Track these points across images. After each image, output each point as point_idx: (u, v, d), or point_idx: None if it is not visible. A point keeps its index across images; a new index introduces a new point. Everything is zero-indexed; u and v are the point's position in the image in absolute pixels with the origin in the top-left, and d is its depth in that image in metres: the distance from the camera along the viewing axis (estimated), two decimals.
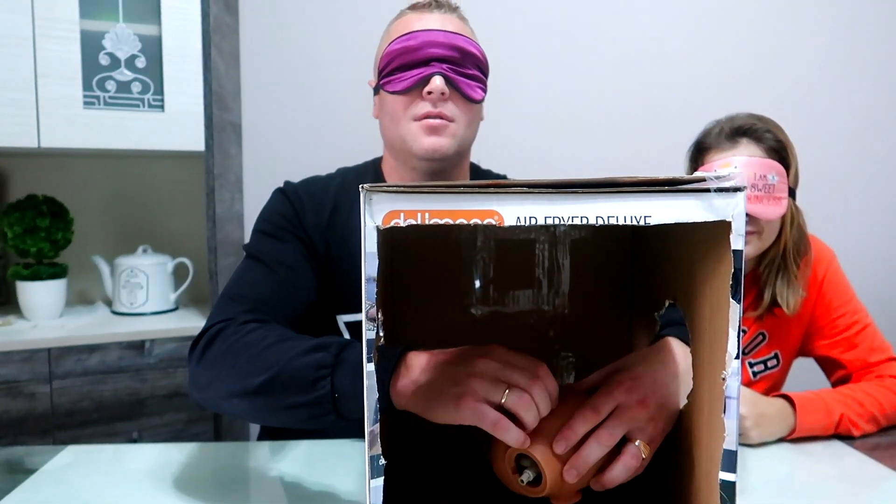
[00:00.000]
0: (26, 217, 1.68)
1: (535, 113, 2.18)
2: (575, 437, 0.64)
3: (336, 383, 0.69)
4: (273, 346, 0.77)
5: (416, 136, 0.98)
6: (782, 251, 1.20)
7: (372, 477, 0.54)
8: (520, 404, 0.61)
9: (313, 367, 0.70)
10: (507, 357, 0.65)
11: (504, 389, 0.62)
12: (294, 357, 0.72)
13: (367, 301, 0.52)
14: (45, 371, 1.53)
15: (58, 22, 1.57)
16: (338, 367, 0.69)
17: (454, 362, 0.66)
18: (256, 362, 0.75)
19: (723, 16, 2.25)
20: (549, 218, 0.51)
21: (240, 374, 0.76)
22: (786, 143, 1.19)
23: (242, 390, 0.76)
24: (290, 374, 0.71)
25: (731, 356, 0.54)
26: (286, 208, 1.03)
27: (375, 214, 0.51)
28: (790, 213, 1.20)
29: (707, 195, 0.52)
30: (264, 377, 0.73)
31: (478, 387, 0.62)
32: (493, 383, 0.62)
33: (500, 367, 0.63)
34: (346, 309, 1.03)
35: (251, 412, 0.78)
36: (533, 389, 0.62)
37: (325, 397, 0.69)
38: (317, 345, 0.73)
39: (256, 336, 0.80)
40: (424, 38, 0.97)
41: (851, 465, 0.94)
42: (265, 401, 0.74)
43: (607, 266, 0.88)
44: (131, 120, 1.65)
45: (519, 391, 0.62)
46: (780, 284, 1.20)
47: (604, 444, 0.64)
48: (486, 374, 0.63)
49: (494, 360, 0.64)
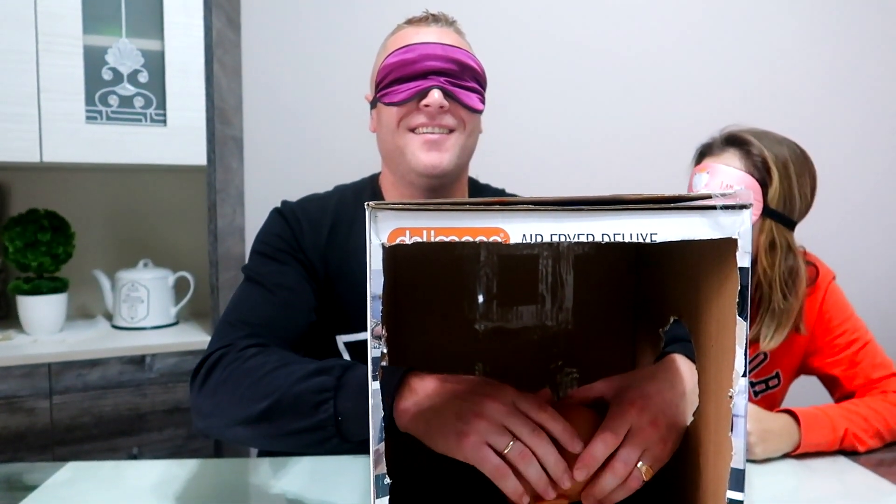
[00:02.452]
0: (27, 231, 1.68)
1: (534, 126, 2.18)
2: (596, 464, 0.63)
3: (339, 407, 0.68)
4: (274, 371, 0.76)
5: (414, 151, 0.98)
6: (768, 283, 1.16)
7: (377, 496, 0.54)
8: (520, 459, 0.61)
9: (315, 392, 0.70)
10: (516, 401, 0.64)
11: (509, 440, 0.61)
12: (295, 382, 0.72)
13: (373, 319, 0.52)
14: (45, 386, 1.52)
15: (61, 37, 1.58)
16: (340, 390, 0.69)
17: (461, 396, 0.65)
18: (258, 389, 0.75)
19: (725, 28, 2.26)
20: (555, 235, 0.51)
21: (241, 401, 0.76)
22: (774, 163, 1.15)
23: (245, 418, 0.75)
24: (292, 399, 0.71)
25: (738, 374, 0.54)
26: (283, 229, 1.03)
27: (381, 232, 0.51)
28: (768, 237, 1.16)
29: (713, 212, 0.52)
30: (266, 403, 0.73)
31: (483, 430, 0.61)
32: (498, 430, 0.62)
33: (507, 414, 0.62)
34: (345, 329, 1.03)
35: (255, 439, 0.78)
36: (537, 445, 0.61)
37: (327, 421, 0.69)
38: (318, 368, 0.72)
39: (257, 362, 0.79)
40: (422, 51, 0.97)
41: (856, 480, 0.93)
42: (268, 427, 0.74)
43: (611, 282, 0.88)
44: (133, 134, 1.65)
45: (522, 447, 0.61)
46: (766, 322, 1.17)
47: (619, 476, 0.63)
48: (492, 418, 0.62)
49: (502, 404, 0.63)
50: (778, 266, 1.16)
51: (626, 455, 0.64)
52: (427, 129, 0.98)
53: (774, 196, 1.15)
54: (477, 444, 0.61)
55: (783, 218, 1.17)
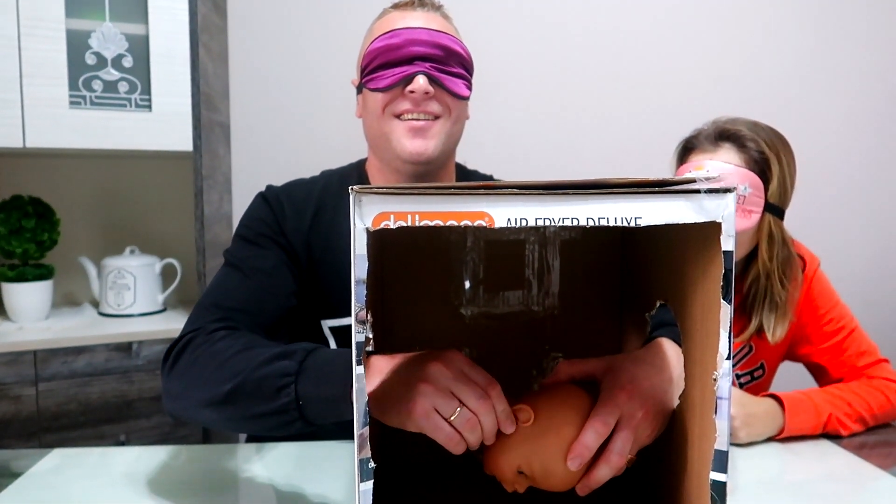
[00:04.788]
0: (11, 218, 1.67)
1: (521, 112, 2.18)
2: (589, 454, 0.63)
3: (300, 391, 0.67)
4: (238, 354, 0.76)
5: (399, 138, 0.98)
6: (766, 274, 1.16)
7: (361, 480, 0.54)
8: (466, 426, 0.60)
9: (277, 376, 0.69)
10: (463, 367, 0.63)
11: (457, 406, 0.60)
12: (258, 366, 0.71)
13: (357, 303, 0.52)
14: (30, 373, 1.52)
15: (43, 21, 1.56)
16: (301, 374, 0.68)
17: (407, 365, 0.65)
18: (222, 371, 0.74)
19: (712, 14, 2.26)
20: (539, 219, 0.51)
21: (206, 383, 0.75)
22: (771, 156, 1.13)
23: (210, 401, 0.75)
24: (255, 383, 0.70)
25: (722, 357, 0.54)
26: (266, 214, 1.02)
27: (365, 216, 0.50)
28: (767, 231, 1.14)
29: (697, 196, 0.52)
30: (229, 386, 0.72)
31: (429, 395, 0.60)
32: (445, 395, 0.60)
33: (452, 379, 0.61)
34: (331, 314, 1.03)
35: (221, 422, 0.77)
36: (481, 411, 0.61)
37: (289, 405, 0.68)
38: (281, 352, 0.72)
39: (223, 345, 0.79)
40: (407, 36, 0.96)
41: (839, 463, 0.94)
42: (233, 410, 0.73)
43: (597, 267, 0.88)
44: (118, 120, 1.64)
45: (467, 413, 0.60)
46: (766, 313, 1.17)
47: (614, 467, 0.64)
48: (438, 381, 0.61)
49: (448, 369, 0.62)
50: (776, 257, 1.16)
51: (621, 446, 0.64)
52: (412, 116, 0.97)
53: (774, 191, 1.13)
54: (425, 412, 0.60)
55: (779, 210, 1.16)
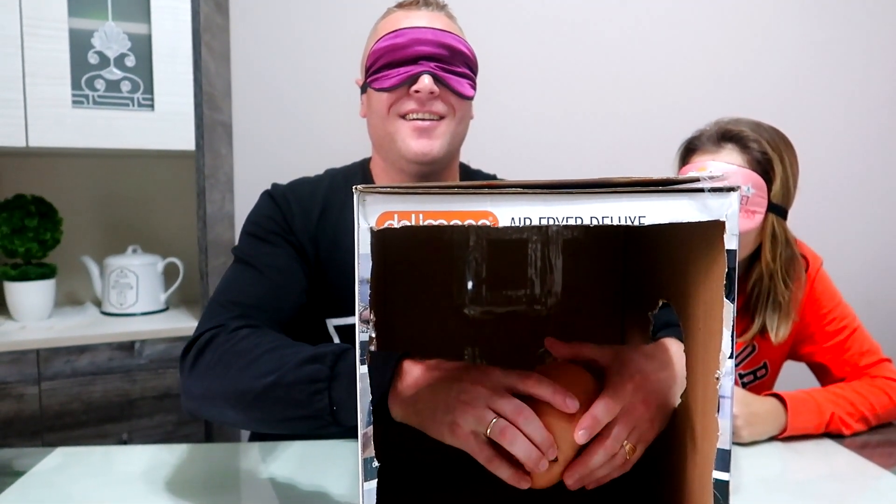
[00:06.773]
0: (14, 217, 1.67)
1: (525, 112, 2.18)
2: (598, 426, 0.62)
3: (334, 396, 0.68)
4: (265, 354, 0.75)
5: (404, 137, 0.98)
6: (769, 274, 1.16)
7: (365, 480, 0.54)
8: (503, 437, 0.60)
9: (309, 381, 0.69)
10: (500, 380, 0.63)
11: (489, 421, 0.60)
12: (289, 370, 0.71)
13: (360, 303, 0.52)
14: (33, 372, 1.52)
15: (46, 20, 1.56)
16: (334, 380, 0.68)
17: (448, 384, 0.65)
18: (250, 371, 0.74)
19: (716, 14, 2.25)
20: (543, 219, 0.51)
21: (233, 383, 0.75)
22: (774, 157, 1.12)
23: (236, 401, 0.75)
24: (286, 388, 0.70)
25: (724, 356, 0.54)
26: (274, 211, 1.02)
27: (369, 216, 0.50)
28: (770, 231, 1.14)
29: (701, 195, 0.52)
30: (259, 389, 0.72)
31: (466, 418, 0.61)
32: (478, 415, 0.61)
33: (489, 395, 0.62)
34: (336, 312, 1.03)
35: (246, 423, 0.77)
36: (519, 419, 0.60)
37: (323, 410, 0.68)
38: (312, 356, 0.71)
39: (249, 343, 0.79)
40: (412, 36, 0.96)
41: (842, 463, 0.94)
42: (261, 412, 0.73)
43: (600, 266, 0.88)
44: (121, 119, 1.64)
45: (503, 423, 0.60)
46: (769, 313, 1.17)
47: (609, 453, 0.63)
48: (475, 403, 0.61)
49: (486, 388, 0.62)
50: (779, 258, 1.15)
51: (617, 432, 0.64)
52: (417, 116, 0.97)
53: (777, 191, 1.13)
54: (467, 435, 0.61)
55: (782, 210, 1.15)
